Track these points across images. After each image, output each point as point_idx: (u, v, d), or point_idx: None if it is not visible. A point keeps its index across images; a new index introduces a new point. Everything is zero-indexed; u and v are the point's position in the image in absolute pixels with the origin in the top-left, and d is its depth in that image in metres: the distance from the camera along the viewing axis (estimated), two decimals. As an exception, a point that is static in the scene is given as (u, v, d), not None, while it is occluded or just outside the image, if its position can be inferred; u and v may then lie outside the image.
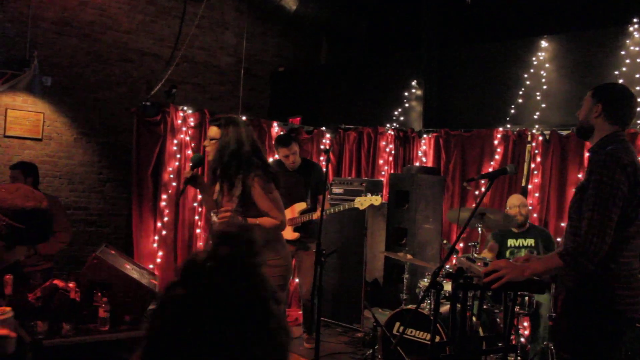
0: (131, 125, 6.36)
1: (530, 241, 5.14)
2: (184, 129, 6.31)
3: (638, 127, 5.46)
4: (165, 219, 6.12)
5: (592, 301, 2.56)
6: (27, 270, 5.08)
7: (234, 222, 3.20)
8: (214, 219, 3.59)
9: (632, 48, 5.80)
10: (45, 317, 3.29)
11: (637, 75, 5.71)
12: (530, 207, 5.65)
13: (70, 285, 3.50)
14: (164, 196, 6.11)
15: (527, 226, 5.22)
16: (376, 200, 5.27)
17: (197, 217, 6.38)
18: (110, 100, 7.48)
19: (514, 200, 5.25)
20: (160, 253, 6.01)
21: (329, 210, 5.39)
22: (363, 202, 5.28)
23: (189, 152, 6.33)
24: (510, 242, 5.19)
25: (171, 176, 6.18)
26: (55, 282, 3.52)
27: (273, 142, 6.90)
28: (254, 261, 0.96)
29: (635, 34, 5.78)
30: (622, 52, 5.84)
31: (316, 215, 5.29)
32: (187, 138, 6.33)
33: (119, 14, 7.58)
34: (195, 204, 6.37)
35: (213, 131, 3.51)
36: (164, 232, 6.11)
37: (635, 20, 5.81)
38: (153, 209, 6.08)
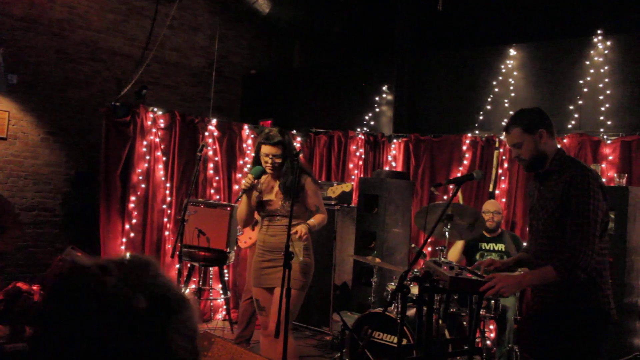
0: (100, 126, 6.27)
1: (500, 246, 5.25)
2: (154, 130, 6.26)
3: (601, 135, 5.61)
4: (134, 221, 6.06)
5: (583, 308, 2.69)
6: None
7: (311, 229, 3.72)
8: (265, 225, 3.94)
9: (595, 59, 5.95)
10: (7, 321, 3.23)
11: (600, 85, 5.87)
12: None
13: (35, 288, 3.45)
14: (133, 198, 6.05)
15: (499, 232, 5.35)
16: (347, 186, 5.34)
17: (165, 220, 6.33)
18: (79, 100, 7.35)
19: (489, 206, 5.36)
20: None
21: None
22: (335, 190, 5.35)
23: (159, 153, 6.27)
24: (482, 245, 5.30)
25: (140, 178, 6.12)
26: (19, 284, 3.47)
27: (244, 145, 6.90)
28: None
29: (599, 45, 5.93)
30: (587, 62, 5.99)
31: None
32: (157, 139, 6.28)
33: (89, 13, 7.47)
34: (165, 206, 6.31)
35: (272, 149, 3.79)
36: (132, 234, 6.04)
37: (599, 32, 5.96)
38: (121, 210, 6.01)
